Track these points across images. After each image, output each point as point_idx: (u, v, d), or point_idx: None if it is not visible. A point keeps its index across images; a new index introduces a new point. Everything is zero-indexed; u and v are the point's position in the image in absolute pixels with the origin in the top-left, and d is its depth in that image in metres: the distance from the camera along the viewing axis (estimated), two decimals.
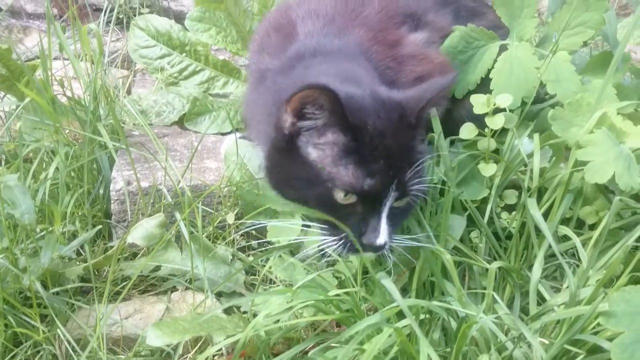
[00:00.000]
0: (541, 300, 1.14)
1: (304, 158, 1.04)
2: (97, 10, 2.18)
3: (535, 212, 1.13)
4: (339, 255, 1.08)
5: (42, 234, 1.22)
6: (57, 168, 1.28)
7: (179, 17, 1.62)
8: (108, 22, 1.98)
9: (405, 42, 1.30)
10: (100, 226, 1.27)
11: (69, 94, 1.43)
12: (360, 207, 1.03)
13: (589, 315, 0.90)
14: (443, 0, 1.40)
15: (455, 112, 1.38)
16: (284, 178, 1.08)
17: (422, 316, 1.04)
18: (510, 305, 1.16)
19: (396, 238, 1.08)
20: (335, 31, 1.24)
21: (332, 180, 1.01)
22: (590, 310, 0.89)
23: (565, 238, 1.20)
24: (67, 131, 1.38)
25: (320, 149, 1.03)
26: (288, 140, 1.05)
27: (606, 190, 1.22)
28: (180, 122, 1.56)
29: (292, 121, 1.03)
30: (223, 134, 1.53)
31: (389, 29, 1.30)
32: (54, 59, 1.83)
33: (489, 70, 1.34)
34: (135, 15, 2.04)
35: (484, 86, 1.33)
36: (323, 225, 1.07)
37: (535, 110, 1.36)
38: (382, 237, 1.02)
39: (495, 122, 1.21)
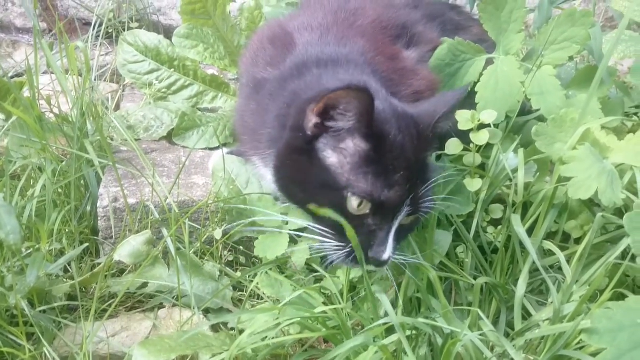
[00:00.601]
0: (528, 315, 1.15)
1: (321, 161, 1.03)
2: (87, 24, 2.18)
3: (519, 228, 1.13)
4: (341, 264, 1.07)
5: (30, 251, 1.22)
6: (44, 185, 1.28)
7: (169, 32, 1.63)
8: (98, 36, 1.99)
9: (402, 56, 1.31)
10: (87, 244, 1.26)
11: (56, 110, 1.43)
12: (371, 219, 1.02)
13: (572, 332, 0.91)
14: (430, 14, 1.42)
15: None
16: (296, 179, 1.07)
17: (408, 332, 1.04)
18: (497, 320, 1.16)
19: (397, 254, 1.07)
20: (334, 40, 1.24)
21: (350, 187, 0.99)
22: (572, 327, 0.89)
23: (552, 252, 1.20)
24: (54, 148, 1.38)
25: (341, 154, 1.02)
26: (308, 141, 1.03)
27: (591, 204, 1.23)
28: (169, 137, 1.56)
29: (316, 122, 1.02)
30: (211, 149, 1.53)
31: (386, 41, 1.31)
32: (43, 73, 1.84)
33: (475, 84, 1.35)
34: (124, 30, 2.05)
35: (470, 99, 1.34)
36: (329, 230, 1.05)
37: (521, 122, 1.37)
38: (388, 252, 1.01)
39: (480, 138, 1.22)
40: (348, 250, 1.03)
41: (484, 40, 1.40)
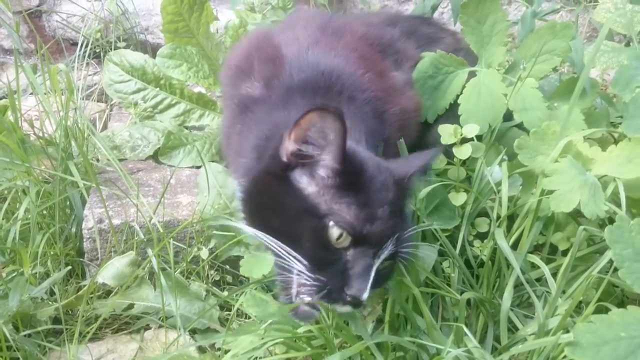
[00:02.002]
0: (516, 329, 1.14)
1: (299, 188, 0.97)
2: (74, 44, 2.19)
3: (502, 242, 1.13)
4: (318, 300, 0.95)
5: (14, 275, 1.21)
6: (28, 208, 1.28)
7: (156, 50, 1.62)
8: (85, 56, 1.99)
9: (390, 74, 1.31)
10: (71, 266, 1.26)
11: (39, 132, 1.42)
12: (350, 253, 0.94)
13: (555, 346, 0.90)
14: (407, 30, 1.43)
15: (427, 138, 1.39)
16: (270, 207, 1.00)
17: (394, 350, 1.03)
18: (485, 335, 1.15)
19: None
20: (322, 54, 1.21)
21: (332, 215, 0.93)
22: (553, 341, 0.89)
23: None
24: (38, 170, 1.38)
25: (320, 181, 0.96)
26: (284, 168, 0.98)
27: (578, 216, 1.23)
28: (156, 157, 1.55)
29: (293, 149, 0.96)
30: (198, 168, 1.53)
31: (374, 58, 1.30)
32: (30, 94, 1.85)
33: (458, 96, 1.35)
34: (111, 49, 2.05)
35: (452, 112, 1.35)
36: (304, 261, 0.94)
37: (503, 129, 1.37)
38: (368, 291, 0.92)
39: (463, 152, 1.22)
40: (319, 284, 0.94)
41: (458, 50, 1.41)
